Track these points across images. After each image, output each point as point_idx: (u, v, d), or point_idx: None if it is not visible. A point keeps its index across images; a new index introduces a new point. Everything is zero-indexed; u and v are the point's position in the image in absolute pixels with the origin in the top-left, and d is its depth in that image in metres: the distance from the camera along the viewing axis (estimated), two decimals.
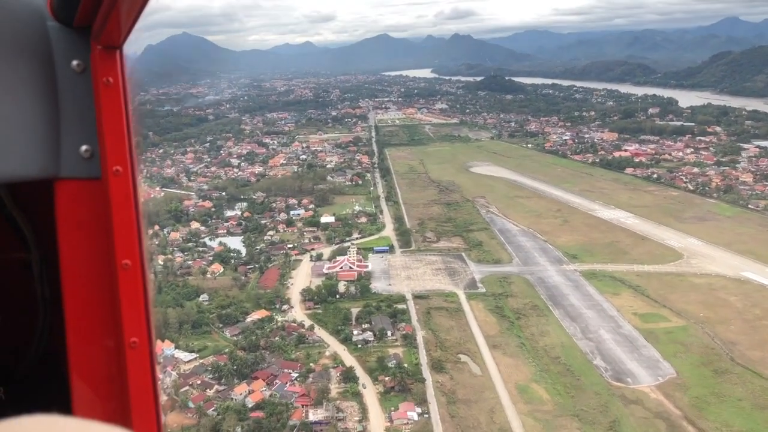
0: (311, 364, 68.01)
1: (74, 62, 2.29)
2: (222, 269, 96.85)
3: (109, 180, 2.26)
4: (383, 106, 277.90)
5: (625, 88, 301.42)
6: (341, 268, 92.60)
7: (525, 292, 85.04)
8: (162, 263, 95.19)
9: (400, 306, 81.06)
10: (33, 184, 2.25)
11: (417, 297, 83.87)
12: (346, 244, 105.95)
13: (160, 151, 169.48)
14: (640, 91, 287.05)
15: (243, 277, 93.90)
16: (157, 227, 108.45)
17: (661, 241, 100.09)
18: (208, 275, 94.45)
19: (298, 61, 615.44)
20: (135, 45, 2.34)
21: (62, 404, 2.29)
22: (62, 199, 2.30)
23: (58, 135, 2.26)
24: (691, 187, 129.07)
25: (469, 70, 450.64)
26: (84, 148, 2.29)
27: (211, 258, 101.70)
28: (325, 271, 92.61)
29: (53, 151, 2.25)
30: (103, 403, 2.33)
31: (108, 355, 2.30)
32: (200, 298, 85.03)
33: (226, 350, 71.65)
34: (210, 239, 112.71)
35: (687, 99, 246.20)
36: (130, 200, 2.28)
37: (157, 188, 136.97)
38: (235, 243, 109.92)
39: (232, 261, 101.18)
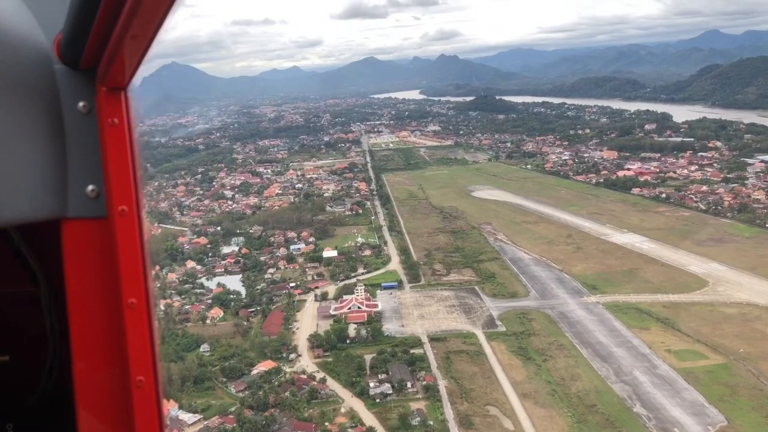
0: (326, 424, 62.22)
1: (80, 104, 2.33)
2: (222, 313, 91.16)
3: (114, 220, 2.28)
4: (375, 129, 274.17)
5: (616, 104, 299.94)
6: (349, 308, 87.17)
7: (547, 329, 79.93)
8: (163, 308, 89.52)
9: (417, 351, 75.56)
10: (45, 224, 2.28)
11: (433, 339, 78.51)
12: (351, 281, 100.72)
13: (155, 183, 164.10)
14: (630, 106, 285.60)
15: (245, 322, 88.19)
16: (158, 267, 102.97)
17: (682, 267, 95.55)
18: (208, 321, 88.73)
19: (287, 86, 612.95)
20: (136, 83, 2.37)
21: None
22: (69, 238, 2.33)
23: (65, 176, 2.29)
24: (703, 207, 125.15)
25: (458, 90, 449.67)
26: (90, 188, 2.32)
27: (210, 301, 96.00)
28: (332, 312, 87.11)
29: (60, 192, 2.29)
30: None
31: (114, 394, 2.31)
32: (201, 349, 79.18)
33: (233, 409, 65.70)
34: (207, 279, 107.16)
35: (680, 113, 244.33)
36: (135, 239, 2.30)
37: (156, 224, 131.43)
38: (234, 283, 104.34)
39: (232, 304, 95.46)
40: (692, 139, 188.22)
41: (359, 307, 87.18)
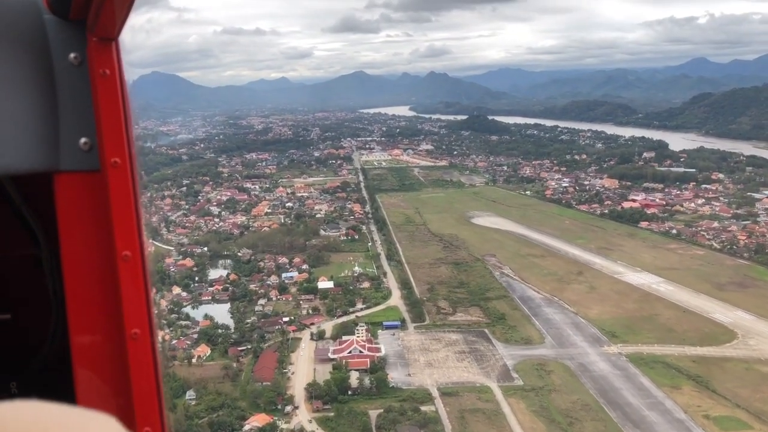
0: None
1: (71, 55, 2.31)
2: (209, 351, 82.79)
3: (108, 172, 2.27)
4: (367, 146, 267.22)
5: (609, 129, 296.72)
6: (350, 352, 79.24)
7: (569, 384, 72.78)
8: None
9: (428, 408, 67.83)
10: (37, 179, 2.29)
11: (445, 394, 70.90)
12: (350, 317, 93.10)
13: (148, 194, 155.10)
14: (624, 131, 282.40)
15: (234, 363, 79.88)
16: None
17: (706, 315, 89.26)
18: (194, 360, 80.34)
19: (274, 97, 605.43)
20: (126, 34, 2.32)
21: (70, 397, 2.33)
22: (62, 191, 2.33)
23: (57, 128, 2.28)
24: (717, 245, 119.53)
25: (447, 108, 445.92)
26: (83, 140, 2.31)
27: (196, 336, 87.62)
28: (331, 356, 79.12)
29: (52, 144, 2.26)
30: (106, 394, 2.36)
31: (110, 347, 2.32)
32: (187, 396, 70.67)
33: None
34: (193, 307, 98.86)
35: (674, 141, 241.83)
36: (129, 192, 2.29)
37: (150, 239, 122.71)
38: (222, 313, 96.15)
39: (220, 340, 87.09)
40: (694, 170, 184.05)
41: (361, 351, 79.30)
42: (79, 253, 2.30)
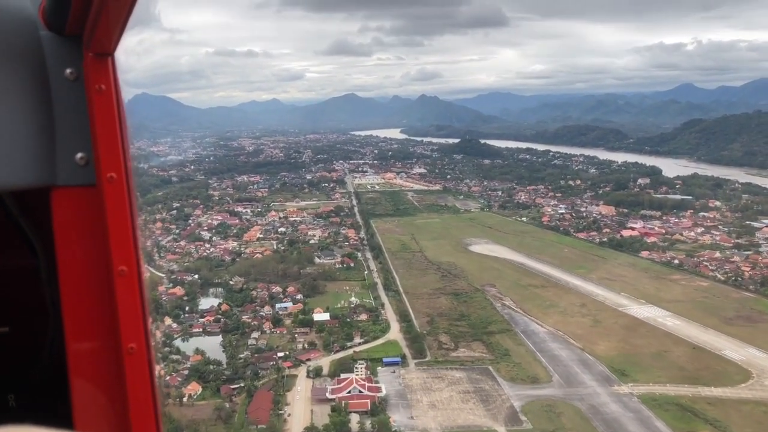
0: None
1: (67, 70, 2.33)
2: (200, 389, 78.45)
3: (104, 187, 2.29)
4: (359, 169, 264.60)
5: (601, 154, 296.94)
6: (349, 392, 75.24)
7: (581, 428, 69.21)
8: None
9: None
10: (34, 194, 2.32)
11: None
12: (347, 352, 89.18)
13: (142, 217, 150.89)
14: (616, 156, 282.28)
15: (227, 404, 75.48)
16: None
17: (718, 352, 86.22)
18: (185, 399, 75.99)
19: (265, 118, 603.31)
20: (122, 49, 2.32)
21: (67, 412, 2.34)
22: (58, 206, 2.34)
23: (53, 143, 2.29)
24: (721, 277, 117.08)
25: (439, 131, 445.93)
26: (79, 155, 2.32)
27: (186, 372, 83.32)
28: (329, 396, 75.06)
29: (49, 159, 2.29)
30: (103, 409, 2.35)
31: (107, 362, 2.32)
32: None
33: None
34: (184, 340, 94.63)
35: (667, 166, 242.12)
36: (125, 207, 2.29)
37: (145, 265, 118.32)
38: (214, 347, 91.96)
39: (212, 376, 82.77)
40: (691, 197, 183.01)
41: (360, 391, 75.36)
42: (76, 268, 2.30)
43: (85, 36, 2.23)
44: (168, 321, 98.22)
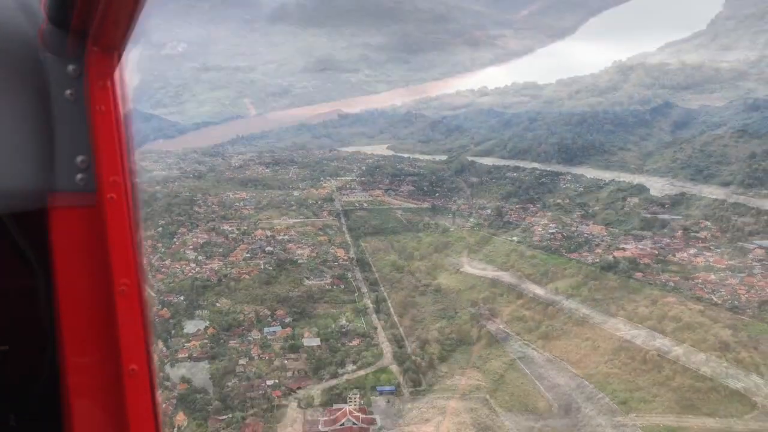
0: None
1: (67, 92, 2.33)
2: (187, 421, 74.82)
3: (105, 205, 2.29)
4: (348, 186, 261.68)
5: (587, 172, 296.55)
6: (342, 424, 72.12)
7: None
8: None
9: None
10: (35, 213, 2.30)
11: None
12: (340, 380, 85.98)
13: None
14: (601, 174, 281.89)
15: None
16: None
17: (720, 380, 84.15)
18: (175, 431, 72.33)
19: (252, 134, 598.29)
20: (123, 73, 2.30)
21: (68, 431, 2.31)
22: (58, 225, 2.33)
23: (52, 158, 2.29)
24: (717, 300, 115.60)
25: (426, 148, 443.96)
26: (79, 177, 2.32)
27: (174, 400, 79.61)
28: (322, 429, 71.87)
29: (50, 180, 2.29)
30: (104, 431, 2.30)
31: (106, 384, 2.27)
32: None
33: None
34: (170, 365, 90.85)
35: (652, 184, 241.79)
36: (125, 224, 2.28)
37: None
38: (201, 374, 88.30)
39: (199, 406, 79.13)
40: (680, 217, 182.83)
41: (354, 423, 72.28)
42: (76, 287, 2.24)
43: (91, 31, 2.17)
44: (160, 345, 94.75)
